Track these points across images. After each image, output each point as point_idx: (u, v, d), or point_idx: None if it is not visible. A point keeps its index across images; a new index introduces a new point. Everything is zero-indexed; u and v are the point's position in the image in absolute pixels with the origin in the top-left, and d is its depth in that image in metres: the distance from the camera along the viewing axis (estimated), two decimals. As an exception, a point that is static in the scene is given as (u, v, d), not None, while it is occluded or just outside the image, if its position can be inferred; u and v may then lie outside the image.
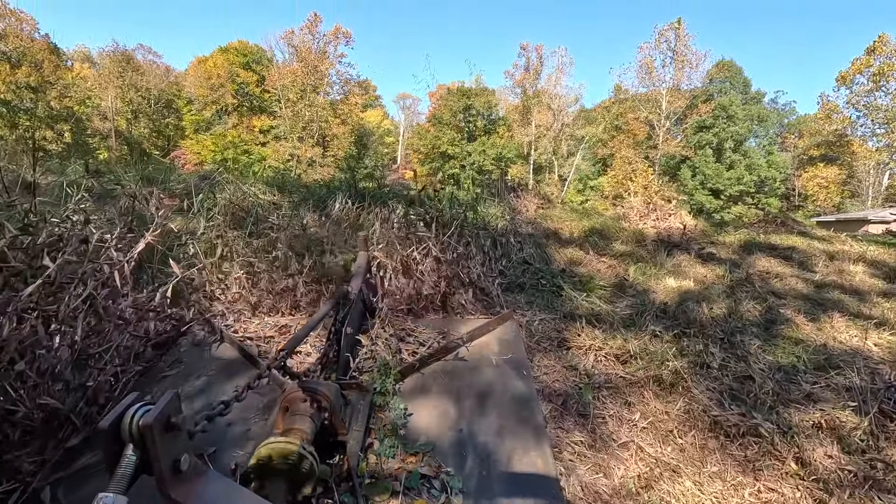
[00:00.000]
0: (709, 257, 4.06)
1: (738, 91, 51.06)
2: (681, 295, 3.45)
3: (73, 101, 51.62)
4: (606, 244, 4.24)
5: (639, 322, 3.07)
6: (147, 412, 0.92)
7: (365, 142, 65.48)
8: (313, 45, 55.85)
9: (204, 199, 4.12)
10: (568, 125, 56.46)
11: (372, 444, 1.74)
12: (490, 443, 1.75)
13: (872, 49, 44.86)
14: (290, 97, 54.98)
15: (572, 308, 3.12)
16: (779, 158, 49.46)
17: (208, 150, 54.87)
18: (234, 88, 58.04)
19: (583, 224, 4.61)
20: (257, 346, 2.44)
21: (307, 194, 4.46)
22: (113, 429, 0.91)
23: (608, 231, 4.43)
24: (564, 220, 4.78)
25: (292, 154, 54.10)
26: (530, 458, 1.66)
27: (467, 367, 2.17)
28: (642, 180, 46.10)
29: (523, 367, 2.14)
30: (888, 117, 44.23)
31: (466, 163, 55.45)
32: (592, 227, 4.43)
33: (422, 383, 2.10)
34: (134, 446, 0.92)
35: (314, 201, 4.31)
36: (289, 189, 4.57)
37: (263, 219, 4.14)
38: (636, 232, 4.41)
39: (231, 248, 3.71)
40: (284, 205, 4.38)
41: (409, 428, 1.82)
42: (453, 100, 57.89)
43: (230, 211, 4.10)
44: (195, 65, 60.24)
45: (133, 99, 58.90)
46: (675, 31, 49.57)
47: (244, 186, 4.38)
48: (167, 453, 0.93)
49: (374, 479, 1.57)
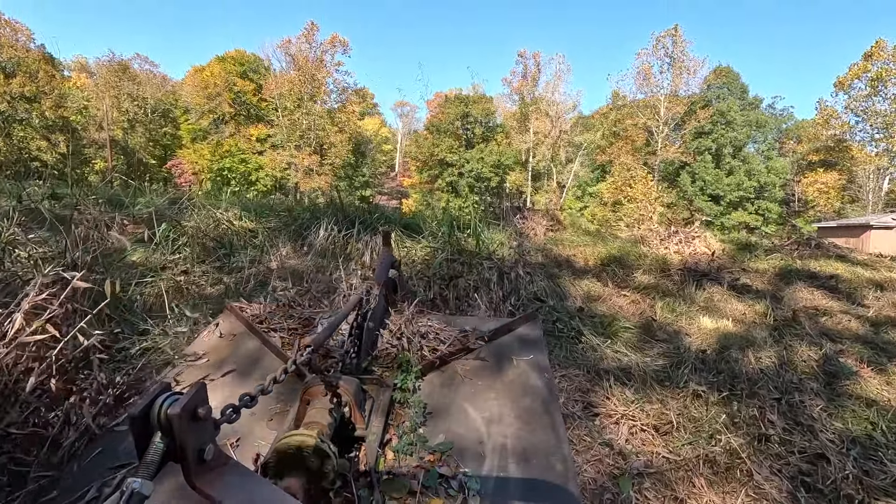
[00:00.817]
0: (744, 289, 3.57)
1: (735, 97, 50.98)
2: (720, 339, 2.95)
3: (68, 111, 51.31)
4: (627, 274, 3.73)
5: (675, 376, 2.59)
6: (175, 401, 0.95)
7: (363, 150, 65.20)
8: (310, 53, 55.70)
9: (169, 227, 3.60)
10: (566, 132, 56.27)
11: (391, 440, 1.73)
12: (508, 444, 1.72)
13: (870, 54, 44.82)
14: (287, 106, 54.70)
15: (595, 359, 2.62)
16: (778, 164, 49.26)
17: (205, 159, 54.49)
18: (230, 97, 57.79)
19: (598, 250, 4.09)
20: (281, 339, 2.42)
21: (288, 219, 3.94)
22: (142, 416, 0.94)
23: (627, 258, 3.92)
24: (577, 245, 4.27)
25: (289, 162, 53.73)
26: (549, 462, 1.64)
27: (488, 366, 2.14)
28: (642, 187, 45.93)
29: (544, 368, 2.10)
30: (887, 122, 44.08)
31: (464, 170, 55.16)
32: (610, 255, 3.92)
33: (441, 381, 2.07)
34: (162, 434, 0.95)
35: (295, 228, 3.81)
36: (268, 213, 4.05)
37: (238, 249, 3.62)
38: (659, 259, 3.90)
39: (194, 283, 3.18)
40: (261, 232, 3.87)
41: (428, 426, 1.81)
42: (451, 107, 57.75)
43: (199, 241, 3.59)
44: (192, 74, 60.05)
45: (129, 108, 58.63)
46: (673, 37, 49.57)
47: (218, 212, 3.87)
48: (193, 442, 0.96)
49: (392, 476, 1.57)
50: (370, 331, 2.10)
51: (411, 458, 1.64)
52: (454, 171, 56.28)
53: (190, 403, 0.95)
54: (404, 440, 1.70)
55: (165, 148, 64.82)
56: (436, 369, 2.10)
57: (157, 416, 0.95)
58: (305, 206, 4.44)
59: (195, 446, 0.98)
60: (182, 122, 62.76)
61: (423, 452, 1.67)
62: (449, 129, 57.50)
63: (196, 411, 0.97)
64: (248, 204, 4.33)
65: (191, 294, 3.07)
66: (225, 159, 54.89)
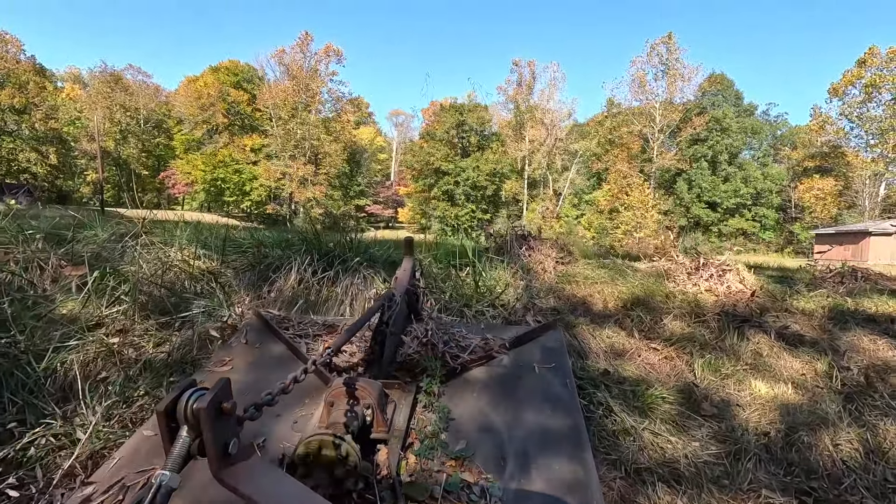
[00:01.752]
0: (795, 339, 3.04)
1: (730, 104, 51.08)
2: (781, 412, 2.39)
3: (60, 122, 50.74)
4: (654, 320, 3.19)
5: (736, 473, 2.02)
6: (201, 396, 0.98)
7: (358, 159, 64.88)
8: (304, 63, 55.54)
9: (106, 271, 3.01)
10: (561, 140, 56.12)
11: (412, 443, 1.74)
12: (530, 452, 1.72)
13: (863, 61, 45.02)
14: (281, 115, 54.39)
15: (633, 451, 2.07)
16: (774, 170, 49.24)
17: (199, 170, 53.97)
18: (224, 107, 57.42)
19: (619, 290, 3.53)
20: (305, 344, 2.48)
21: (255, 258, 3.37)
22: (169, 411, 0.97)
23: (653, 300, 3.38)
24: (593, 282, 3.71)
25: (284, 172, 53.30)
26: (571, 469, 1.63)
27: (509, 373, 2.16)
28: (638, 194, 45.70)
29: (567, 376, 2.11)
30: (882, 128, 44.16)
31: (460, 179, 54.88)
32: (633, 295, 3.38)
33: (463, 387, 2.09)
34: (188, 428, 0.97)
35: (262, 268, 3.25)
36: (232, 250, 3.48)
37: (191, 298, 3.04)
38: (689, 300, 3.37)
39: (133, 345, 2.65)
40: (226, 274, 3.29)
41: (450, 431, 1.81)
42: (446, 116, 57.60)
43: (144, 289, 3.00)
44: (185, 84, 59.67)
45: (121, 119, 58.13)
46: (667, 44, 49.70)
47: (171, 250, 3.28)
48: (218, 437, 0.98)
49: (414, 479, 1.57)
50: (392, 336, 2.13)
51: (433, 463, 1.65)
52: (450, 179, 55.97)
53: (215, 398, 0.97)
54: (426, 444, 1.71)
55: (159, 158, 64.28)
56: (457, 376, 2.12)
57: (184, 410, 0.97)
58: (276, 239, 3.84)
59: (220, 441, 0.99)
60: (175, 133, 62.29)
61: (444, 458, 1.67)
62: (444, 138, 57.30)
63: (221, 406, 0.99)
64: (209, 240, 3.73)
65: (125, 361, 2.49)
66: (219, 169, 54.36)
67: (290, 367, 2.21)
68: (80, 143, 53.43)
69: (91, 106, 54.94)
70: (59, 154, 50.11)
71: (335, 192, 57.65)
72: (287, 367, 2.22)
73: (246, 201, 56.06)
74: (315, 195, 54.21)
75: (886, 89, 43.71)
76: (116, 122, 57.82)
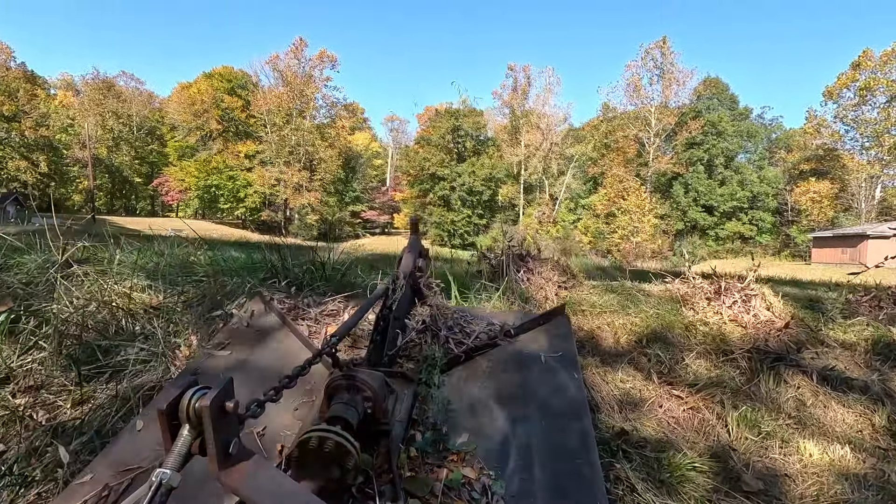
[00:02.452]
0: (842, 383, 2.61)
1: (726, 107, 51.05)
2: (841, 485, 1.95)
3: (51, 130, 50.14)
4: (674, 359, 2.76)
5: None
6: (204, 395, 0.96)
7: (353, 164, 64.50)
8: (299, 69, 55.24)
9: (22, 313, 2.54)
10: (557, 144, 55.97)
11: (414, 436, 1.69)
12: (534, 445, 1.67)
13: (857, 64, 45.10)
14: (275, 122, 54.01)
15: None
16: (770, 173, 49.16)
17: (192, 176, 53.46)
18: (218, 114, 56.98)
19: (631, 320, 3.08)
20: (308, 328, 2.37)
21: (210, 287, 2.89)
22: (171, 409, 0.95)
23: (671, 333, 2.94)
24: (601, 312, 3.26)
25: (278, 178, 52.86)
26: (575, 466, 1.58)
27: (514, 362, 2.06)
28: (635, 198, 45.50)
29: (573, 366, 2.02)
30: (877, 131, 44.17)
31: (456, 184, 54.57)
32: (648, 329, 2.94)
33: (466, 376, 2.01)
34: (190, 427, 0.96)
35: (215, 301, 2.74)
36: (183, 279, 2.98)
37: (127, 340, 2.59)
38: (713, 332, 2.93)
39: (47, 405, 2.22)
40: (174, 309, 2.80)
41: (452, 423, 1.75)
42: (442, 121, 57.36)
43: (69, 333, 2.54)
44: (179, 91, 59.22)
45: (114, 126, 57.56)
46: (661, 48, 49.71)
47: (109, 282, 2.80)
48: (220, 436, 0.97)
49: (415, 473, 1.55)
50: (395, 322, 2.06)
51: (434, 457, 1.61)
52: (446, 184, 55.63)
53: (218, 397, 0.96)
54: (427, 437, 1.67)
55: (152, 165, 63.71)
56: (461, 364, 2.04)
57: (186, 409, 0.95)
58: (238, 264, 3.35)
59: (222, 440, 0.98)
60: (169, 140, 61.76)
61: (445, 451, 1.62)
62: (440, 143, 57.01)
63: (224, 405, 0.97)
64: (157, 267, 3.24)
65: (34, 426, 2.04)
66: (212, 176, 53.84)
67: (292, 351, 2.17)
68: (72, 150, 52.84)
69: (83, 113, 54.39)
70: (50, 162, 49.49)
71: (330, 198, 57.21)
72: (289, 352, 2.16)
73: (240, 208, 55.50)
74: (310, 201, 53.75)
75: (881, 92, 43.77)
76: (109, 129, 57.27)
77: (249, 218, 56.99)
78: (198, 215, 63.43)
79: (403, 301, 2.20)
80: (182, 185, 56.30)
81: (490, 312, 2.48)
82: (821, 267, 34.75)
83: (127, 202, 68.06)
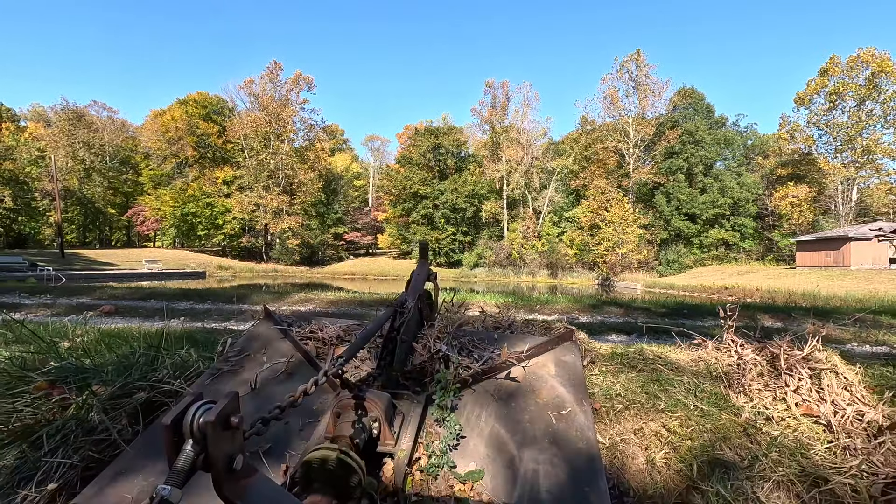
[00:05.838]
0: None
1: (702, 116, 51.69)
2: None
3: (17, 163, 48.39)
4: (742, 493, 1.89)
5: None
6: (208, 410, 0.95)
7: (334, 186, 63.61)
8: (275, 92, 54.60)
9: None
10: (538, 158, 55.97)
11: (420, 458, 1.66)
12: (541, 471, 1.65)
13: (826, 70, 46.13)
14: (253, 146, 53.05)
15: None
16: (749, 179, 49.63)
17: (168, 205, 51.99)
18: (193, 141, 55.81)
19: (666, 425, 2.19)
20: (316, 348, 2.34)
21: (32, 409, 1.98)
22: (175, 425, 0.94)
23: (729, 445, 2.08)
24: (622, 410, 2.38)
25: (258, 204, 51.67)
26: (584, 494, 1.56)
27: (521, 387, 2.04)
28: (618, 209, 45.41)
29: (580, 391, 1.99)
30: (849, 134, 45.00)
31: (439, 202, 54.02)
32: (694, 441, 2.08)
33: (474, 399, 1.98)
34: (193, 442, 0.94)
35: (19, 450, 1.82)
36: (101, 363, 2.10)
37: None
38: (788, 444, 2.03)
39: None
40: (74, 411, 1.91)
41: (459, 449, 1.72)
42: (422, 139, 57.07)
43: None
44: (152, 118, 58.01)
45: (85, 157, 55.96)
46: (636, 61, 50.34)
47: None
48: (224, 452, 0.97)
49: (420, 497, 1.52)
50: (403, 344, 2.06)
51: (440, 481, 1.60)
52: (429, 203, 55.03)
53: (223, 412, 0.95)
54: (433, 461, 1.66)
55: (126, 195, 61.98)
56: (468, 387, 2.03)
57: (190, 424, 0.94)
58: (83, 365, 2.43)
59: (226, 456, 0.98)
60: (143, 168, 60.23)
61: (453, 479, 1.61)
62: (421, 162, 56.58)
63: (228, 420, 0.97)
64: (71, 352, 2.32)
65: None
66: (189, 204, 52.40)
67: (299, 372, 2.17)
68: (42, 182, 51.01)
69: (53, 144, 52.78)
70: (17, 196, 47.60)
71: (312, 221, 56.11)
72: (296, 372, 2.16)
73: (219, 235, 53.99)
74: (291, 225, 52.57)
75: (850, 96, 44.72)
76: (80, 160, 55.62)
77: (229, 245, 55.44)
78: (175, 244, 61.61)
79: (411, 323, 2.19)
80: (158, 214, 54.70)
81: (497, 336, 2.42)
82: (806, 271, 34.73)
83: (101, 234, 65.94)
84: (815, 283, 26.60)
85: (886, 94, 42.81)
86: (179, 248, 58.94)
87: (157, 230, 60.18)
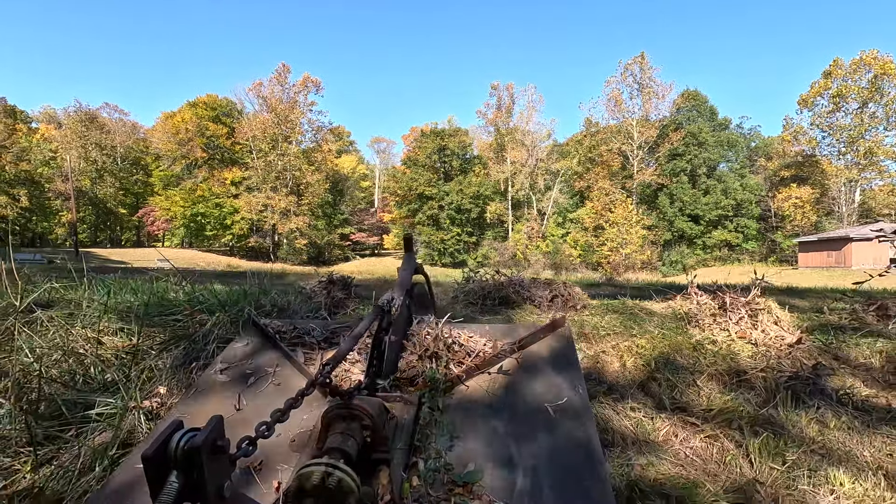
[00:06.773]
0: (866, 406, 2.45)
1: (705, 118, 52.22)
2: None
3: (32, 164, 49.48)
4: (684, 383, 2.60)
5: None
6: (194, 436, 0.92)
7: (341, 187, 64.49)
8: (283, 95, 55.55)
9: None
10: (542, 160, 56.64)
11: (416, 462, 1.61)
12: (541, 468, 1.61)
13: (829, 72, 46.63)
14: (261, 148, 53.97)
15: None
16: (752, 181, 50.08)
17: (178, 205, 52.91)
18: (203, 142, 56.81)
19: (636, 342, 2.93)
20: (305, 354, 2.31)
21: (185, 326, 2.65)
22: (158, 455, 0.91)
23: (680, 355, 2.79)
24: (605, 335, 3.09)
25: (266, 204, 52.53)
26: (584, 488, 1.53)
27: (517, 380, 2.01)
28: (622, 210, 45.96)
29: (576, 380, 1.96)
30: (852, 136, 45.44)
31: (444, 203, 54.73)
32: (656, 351, 2.78)
33: (467, 397, 1.94)
34: (178, 471, 0.91)
35: (196, 339, 2.49)
36: (159, 318, 2.75)
37: (96, 391, 2.36)
38: (722, 352, 2.78)
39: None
40: (148, 352, 2.56)
41: (455, 449, 1.68)
42: (427, 141, 57.85)
43: (32, 385, 2.31)
44: (163, 120, 59.06)
45: (97, 158, 57.04)
46: (640, 64, 50.99)
47: (76, 327, 2.55)
48: (214, 478, 0.93)
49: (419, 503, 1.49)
50: (392, 344, 2.02)
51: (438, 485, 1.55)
52: (434, 204, 55.75)
53: (209, 438, 0.92)
54: (430, 465, 1.61)
55: (137, 196, 63.04)
56: (462, 383, 2.01)
57: (174, 452, 0.90)
58: (214, 298, 3.11)
59: (215, 482, 0.94)
60: (153, 169, 61.26)
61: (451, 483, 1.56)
62: (426, 163, 57.34)
63: (216, 445, 0.94)
64: (131, 307, 2.99)
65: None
66: (198, 204, 53.32)
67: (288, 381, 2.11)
68: (55, 183, 52.09)
69: (66, 146, 53.87)
70: (32, 196, 48.65)
71: (319, 221, 56.92)
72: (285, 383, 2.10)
73: (227, 235, 54.88)
74: (298, 226, 53.38)
75: (853, 98, 45.20)
76: (92, 161, 56.71)
77: (237, 245, 56.31)
78: (185, 244, 62.57)
79: (400, 321, 2.15)
80: (167, 215, 55.65)
81: (489, 328, 2.43)
82: (808, 271, 35.15)
83: (111, 233, 67.02)
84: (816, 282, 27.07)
85: (889, 97, 43.28)
86: (188, 248, 59.87)
87: (167, 230, 61.13)
